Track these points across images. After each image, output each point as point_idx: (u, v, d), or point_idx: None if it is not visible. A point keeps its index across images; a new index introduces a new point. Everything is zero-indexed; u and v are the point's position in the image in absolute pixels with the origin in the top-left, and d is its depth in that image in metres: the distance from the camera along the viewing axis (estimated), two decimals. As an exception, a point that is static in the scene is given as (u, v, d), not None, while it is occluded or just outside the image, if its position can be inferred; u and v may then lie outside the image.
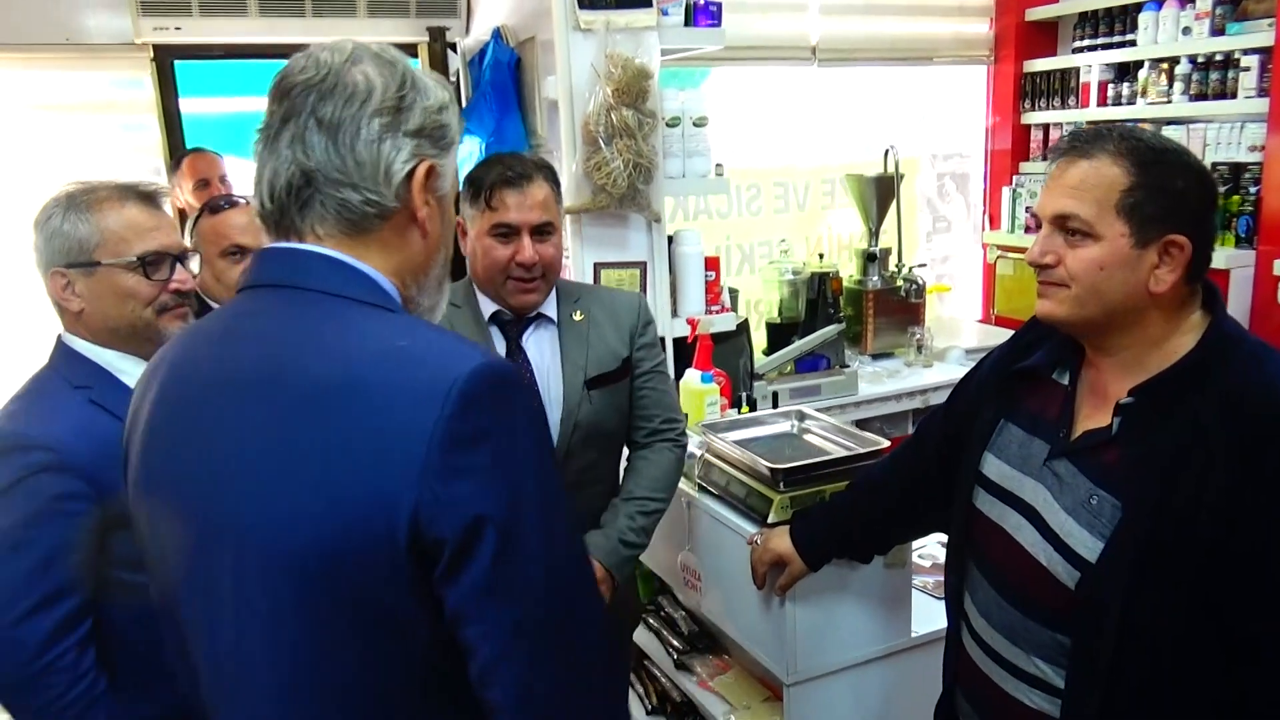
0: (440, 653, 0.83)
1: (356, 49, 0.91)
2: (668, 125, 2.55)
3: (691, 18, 2.55)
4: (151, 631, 1.32)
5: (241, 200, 1.99)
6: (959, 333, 4.03)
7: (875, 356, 3.61)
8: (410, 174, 0.89)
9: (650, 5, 2.43)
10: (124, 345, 1.41)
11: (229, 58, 3.20)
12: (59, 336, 1.43)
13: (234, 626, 0.87)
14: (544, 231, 1.67)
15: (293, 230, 0.90)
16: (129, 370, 1.40)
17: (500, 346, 1.70)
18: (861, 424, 3.19)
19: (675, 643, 2.18)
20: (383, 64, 0.90)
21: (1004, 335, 3.88)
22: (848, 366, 3.30)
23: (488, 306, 1.70)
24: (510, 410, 0.83)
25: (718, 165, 2.69)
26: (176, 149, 3.08)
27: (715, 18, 2.56)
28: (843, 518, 1.60)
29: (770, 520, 1.69)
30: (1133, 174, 1.13)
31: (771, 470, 1.68)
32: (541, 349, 1.73)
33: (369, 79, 0.88)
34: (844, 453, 1.77)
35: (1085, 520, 1.15)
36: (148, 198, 1.43)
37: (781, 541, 1.61)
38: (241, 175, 3.04)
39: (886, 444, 1.75)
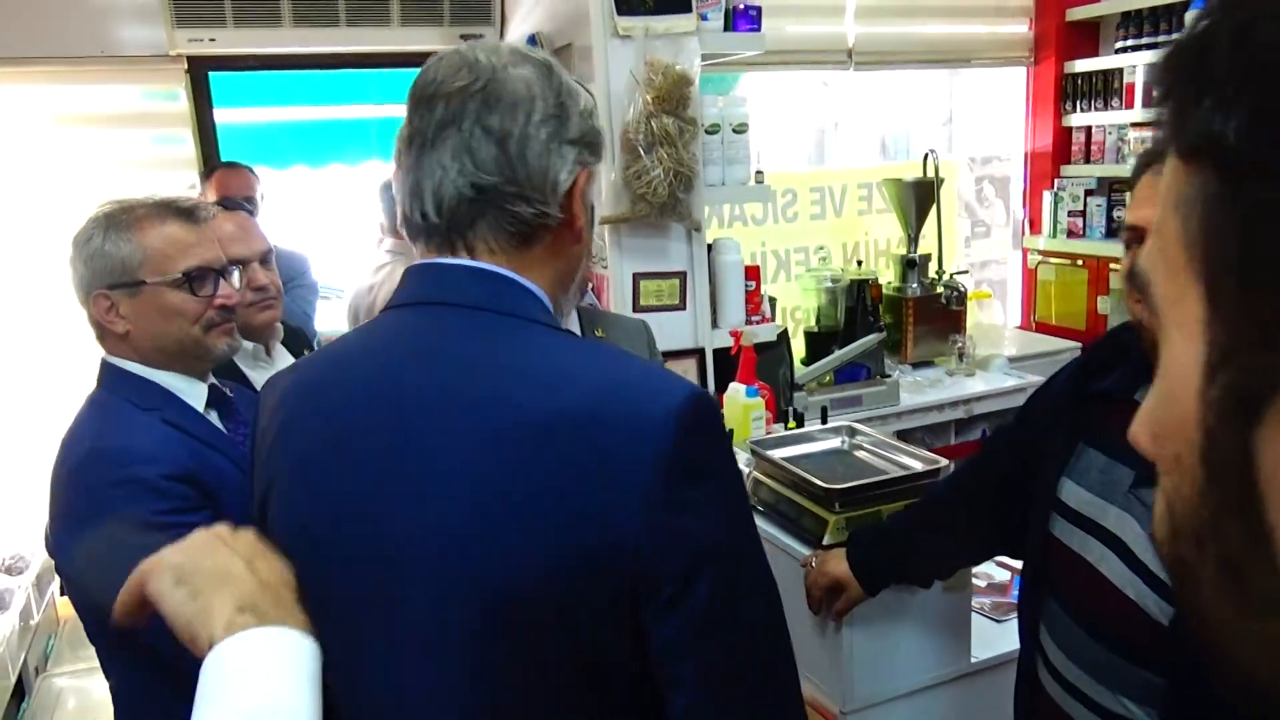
0: (640, 686, 0.81)
1: (511, 52, 0.88)
2: (707, 132, 2.50)
3: (731, 22, 2.50)
4: None
5: (218, 209, 1.79)
6: (999, 340, 3.94)
7: (915, 365, 3.53)
8: (573, 183, 0.87)
9: (690, 10, 2.38)
10: (173, 364, 1.38)
11: (263, 69, 3.19)
12: (104, 360, 1.39)
13: (420, 655, 0.83)
14: None
15: (460, 245, 0.86)
16: (185, 389, 1.38)
17: None
18: (902, 435, 3.11)
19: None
20: (538, 67, 0.87)
21: (1045, 342, 3.88)
22: (889, 376, 3.23)
23: None
24: (723, 441, 0.83)
25: (758, 172, 2.64)
26: (211, 161, 3.07)
27: (755, 22, 2.50)
28: (902, 541, 1.53)
29: (825, 542, 1.63)
30: None
31: (827, 490, 1.62)
32: None
33: (529, 85, 0.85)
34: (901, 472, 1.71)
35: None
36: (187, 213, 1.40)
37: (838, 565, 1.55)
38: (278, 187, 3.01)
39: (945, 462, 1.69)
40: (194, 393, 1.39)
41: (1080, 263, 3.92)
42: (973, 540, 1.50)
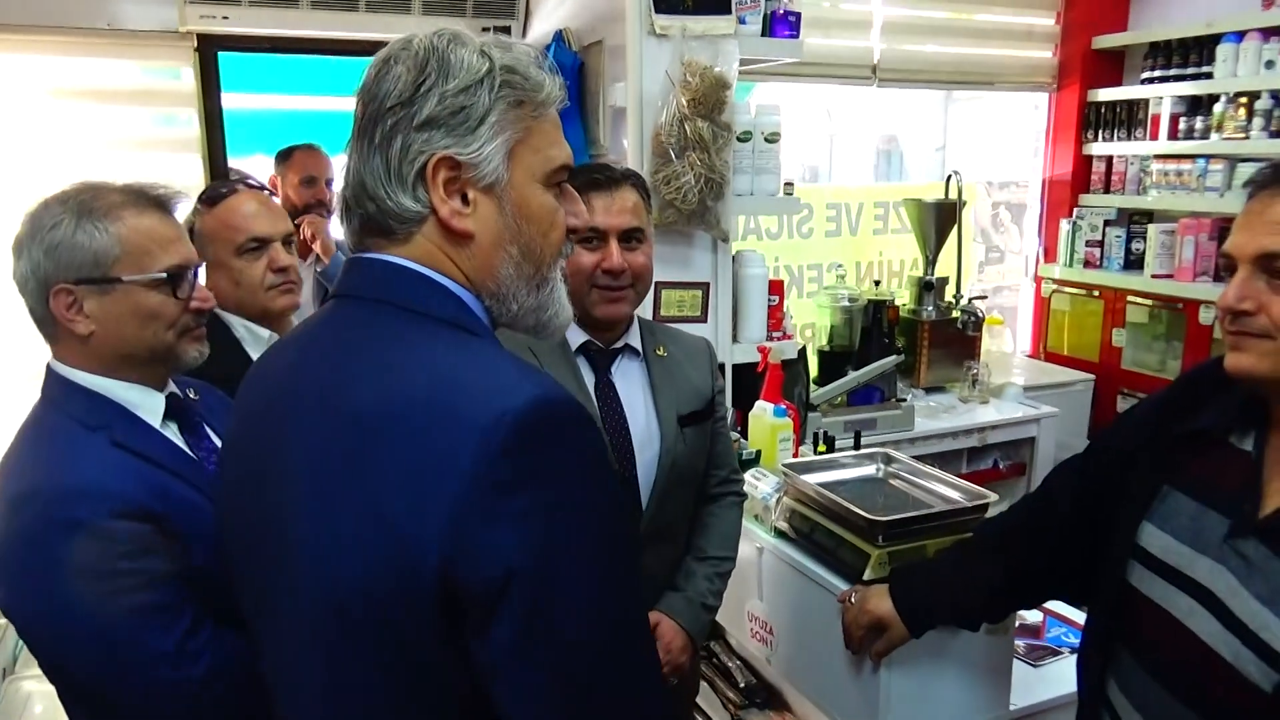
0: (476, 705, 0.76)
1: (410, 47, 0.84)
2: (738, 140, 2.41)
3: (769, 28, 2.41)
4: None
5: (240, 186, 1.74)
6: (1009, 368, 3.87)
7: (928, 390, 3.46)
8: (422, 173, 0.82)
9: (729, 11, 2.29)
10: (133, 373, 1.22)
11: (276, 51, 3.07)
12: (49, 368, 1.22)
13: (295, 654, 0.84)
14: (632, 238, 1.52)
15: (360, 241, 0.87)
16: (140, 402, 1.22)
17: (589, 379, 1.56)
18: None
19: (731, 695, 2.02)
20: (423, 53, 0.83)
21: (1057, 372, 3.81)
22: (903, 400, 3.15)
23: (576, 336, 1.56)
24: (563, 451, 0.75)
25: (787, 184, 2.55)
26: (216, 144, 2.95)
27: (794, 29, 2.42)
28: (954, 581, 1.44)
29: (866, 577, 1.53)
30: None
31: (871, 522, 1.52)
32: (630, 382, 1.58)
33: (398, 76, 0.82)
34: (946, 505, 1.62)
35: None
36: (163, 204, 1.26)
37: (881, 603, 1.45)
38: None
39: (994, 496, 1.60)
40: (150, 405, 1.23)
41: (1096, 294, 3.86)
42: (1030, 582, 1.41)
